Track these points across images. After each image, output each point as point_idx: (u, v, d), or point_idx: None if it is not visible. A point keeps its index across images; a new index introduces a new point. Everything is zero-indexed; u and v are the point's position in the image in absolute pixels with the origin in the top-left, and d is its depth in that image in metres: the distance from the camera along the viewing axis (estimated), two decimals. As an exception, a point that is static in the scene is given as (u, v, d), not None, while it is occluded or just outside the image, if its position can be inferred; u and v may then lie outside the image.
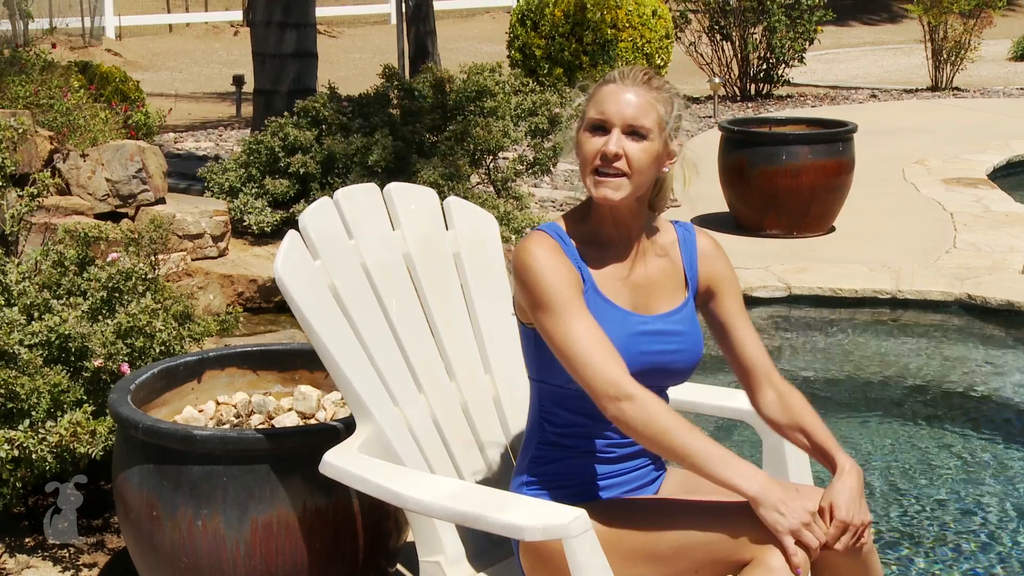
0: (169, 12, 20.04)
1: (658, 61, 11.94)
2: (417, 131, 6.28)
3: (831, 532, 2.11)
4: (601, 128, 2.24)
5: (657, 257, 2.35)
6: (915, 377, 4.91)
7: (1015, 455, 4.14)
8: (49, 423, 2.97)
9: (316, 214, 2.51)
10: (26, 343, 3.05)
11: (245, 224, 5.94)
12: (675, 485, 2.41)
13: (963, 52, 13.88)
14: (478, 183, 6.80)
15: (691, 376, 2.39)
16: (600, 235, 2.31)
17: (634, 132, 2.22)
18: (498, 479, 2.62)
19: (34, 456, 2.92)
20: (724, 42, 13.30)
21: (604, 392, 2.13)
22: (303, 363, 3.07)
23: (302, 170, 5.97)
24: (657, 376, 2.30)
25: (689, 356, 2.33)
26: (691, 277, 2.38)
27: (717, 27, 13.23)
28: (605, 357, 2.15)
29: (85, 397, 3.12)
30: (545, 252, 2.23)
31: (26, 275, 3.29)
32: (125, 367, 3.12)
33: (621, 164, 2.21)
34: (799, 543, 2.07)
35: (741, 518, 2.11)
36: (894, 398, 4.72)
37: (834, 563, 2.16)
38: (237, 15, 19.33)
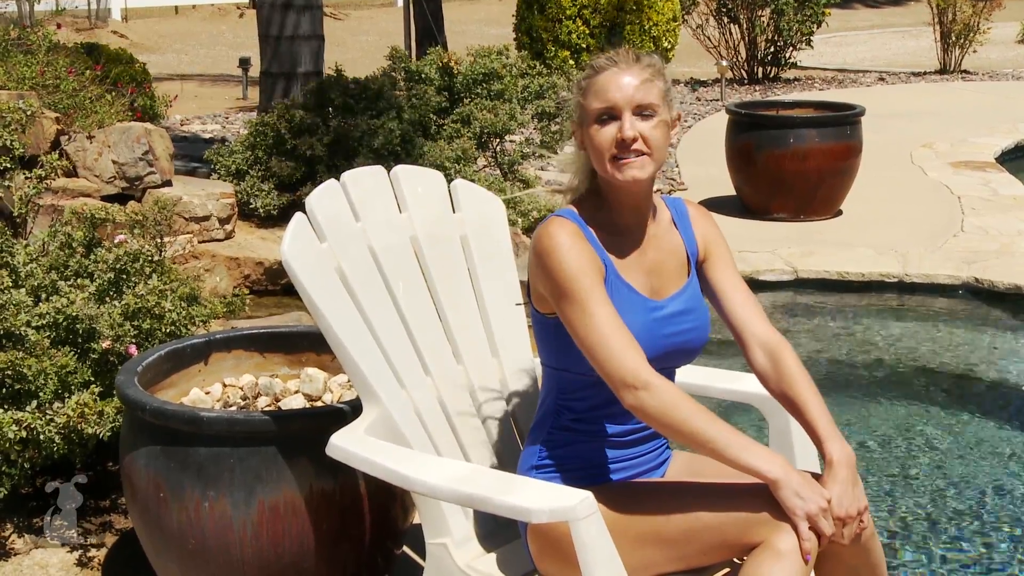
0: (175, -6, 20.02)
1: (665, 44, 11.91)
2: (424, 114, 6.27)
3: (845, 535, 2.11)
4: (610, 116, 2.23)
5: (664, 238, 2.37)
6: (922, 361, 4.91)
7: (1020, 438, 4.13)
8: (57, 404, 2.97)
9: (323, 197, 2.51)
10: (34, 324, 3.05)
11: (252, 207, 5.94)
12: (681, 467, 2.41)
13: (972, 35, 13.83)
14: (485, 166, 6.80)
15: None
16: (618, 222, 2.31)
17: (643, 111, 2.22)
18: (505, 462, 2.62)
19: (42, 437, 2.93)
20: (731, 25, 13.26)
21: (622, 381, 2.14)
22: (310, 345, 3.07)
23: (309, 153, 5.96)
24: (675, 357, 2.33)
25: (702, 332, 2.35)
26: (691, 252, 2.40)
27: (724, 10, 13.19)
28: (624, 346, 2.15)
29: (92, 379, 3.12)
30: (568, 237, 2.22)
31: (34, 257, 3.29)
32: (132, 349, 3.12)
33: (639, 146, 2.21)
34: (813, 529, 2.07)
35: (750, 501, 2.11)
36: (901, 382, 4.72)
37: (836, 549, 2.16)
38: (243, -3, 19.30)
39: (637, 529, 2.16)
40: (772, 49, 13.30)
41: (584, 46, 11.50)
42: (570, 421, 2.33)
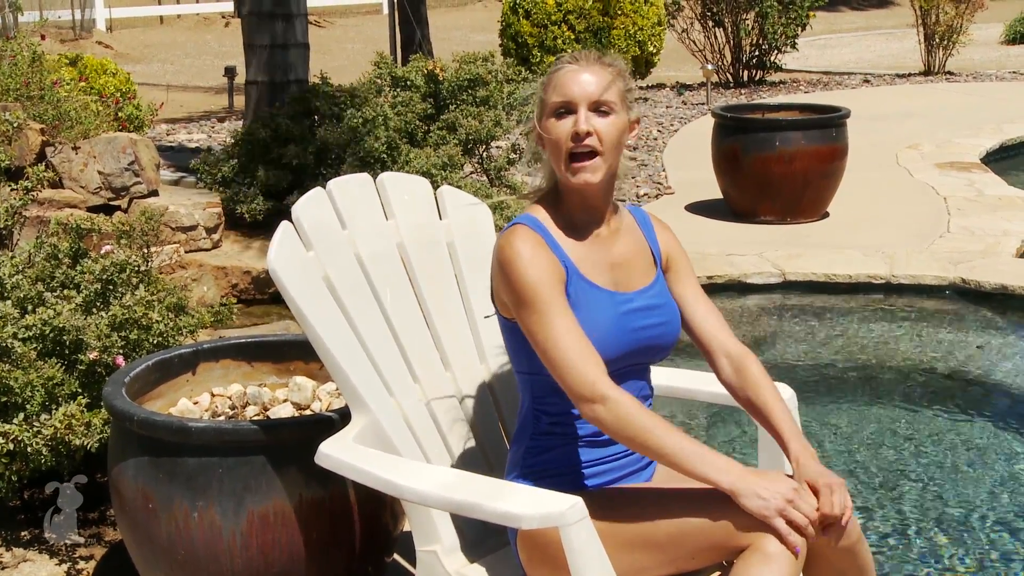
0: (160, 4, 20.00)
1: (651, 48, 11.93)
2: (410, 121, 6.27)
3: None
4: (566, 111, 2.27)
5: (628, 236, 2.40)
6: (909, 362, 4.92)
7: (1009, 438, 4.15)
8: (44, 416, 2.96)
9: (309, 205, 2.50)
10: (20, 336, 3.04)
11: (238, 215, 5.93)
12: (668, 471, 2.41)
13: (955, 36, 13.88)
14: (471, 172, 6.80)
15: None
16: (576, 220, 2.34)
17: (600, 108, 2.26)
18: (494, 468, 2.62)
19: (29, 449, 2.92)
20: (716, 28, 13.28)
21: (579, 394, 2.16)
22: (298, 354, 3.07)
23: (295, 161, 5.95)
24: (646, 353, 2.34)
25: (672, 328, 2.37)
26: (656, 253, 2.43)
27: (709, 14, 13.21)
28: (583, 358, 2.16)
29: (80, 390, 3.11)
30: (528, 247, 2.24)
31: (19, 268, 3.28)
32: (120, 360, 3.11)
33: (593, 141, 2.25)
34: (790, 524, 2.07)
35: (737, 504, 2.12)
36: (888, 383, 4.73)
37: (825, 553, 2.17)
38: (228, 6, 19.26)
39: (626, 534, 2.17)
40: (757, 52, 13.33)
41: (570, 51, 11.52)
42: (548, 425, 2.34)
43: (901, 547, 3.36)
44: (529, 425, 2.36)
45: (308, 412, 2.91)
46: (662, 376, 2.77)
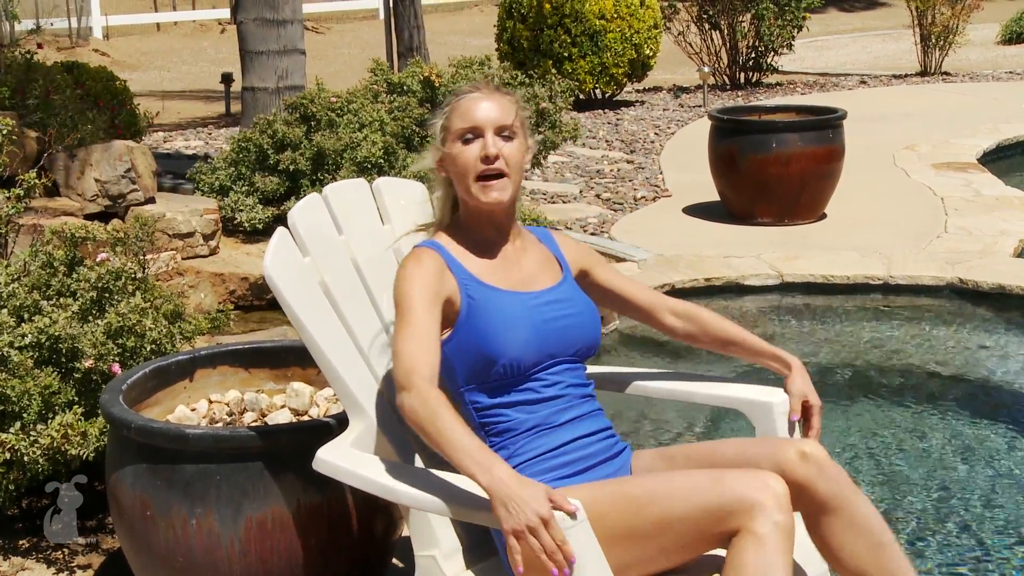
0: (156, 11, 20.00)
1: (647, 51, 11.93)
2: (407, 126, 6.27)
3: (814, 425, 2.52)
4: (473, 135, 2.39)
5: (531, 249, 2.52)
6: (908, 362, 4.92)
7: (1007, 437, 4.14)
8: (40, 425, 2.96)
9: (305, 210, 2.50)
10: (16, 345, 3.04)
11: (236, 222, 5.93)
12: (650, 463, 2.44)
13: (951, 37, 13.88)
14: (468, 176, 6.78)
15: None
16: (480, 239, 2.45)
17: (503, 133, 2.39)
18: (492, 472, 2.62)
19: (26, 458, 2.91)
20: (713, 31, 13.28)
21: (397, 381, 2.22)
22: (295, 360, 3.06)
23: (292, 167, 5.95)
24: (565, 345, 2.40)
25: (588, 319, 2.46)
26: (562, 261, 2.56)
27: (705, 16, 13.21)
28: (416, 353, 2.23)
29: (76, 398, 3.11)
30: (413, 264, 2.36)
31: (15, 276, 3.28)
32: (116, 367, 3.11)
33: (500, 164, 2.38)
34: (523, 542, 1.99)
35: (718, 489, 2.13)
36: (887, 383, 4.72)
37: (806, 482, 2.24)
38: (225, 13, 19.28)
39: (610, 527, 2.15)
40: (753, 54, 13.33)
41: (567, 55, 11.52)
42: (501, 431, 2.37)
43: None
44: (492, 438, 2.39)
45: (306, 418, 2.90)
46: (662, 379, 2.77)
